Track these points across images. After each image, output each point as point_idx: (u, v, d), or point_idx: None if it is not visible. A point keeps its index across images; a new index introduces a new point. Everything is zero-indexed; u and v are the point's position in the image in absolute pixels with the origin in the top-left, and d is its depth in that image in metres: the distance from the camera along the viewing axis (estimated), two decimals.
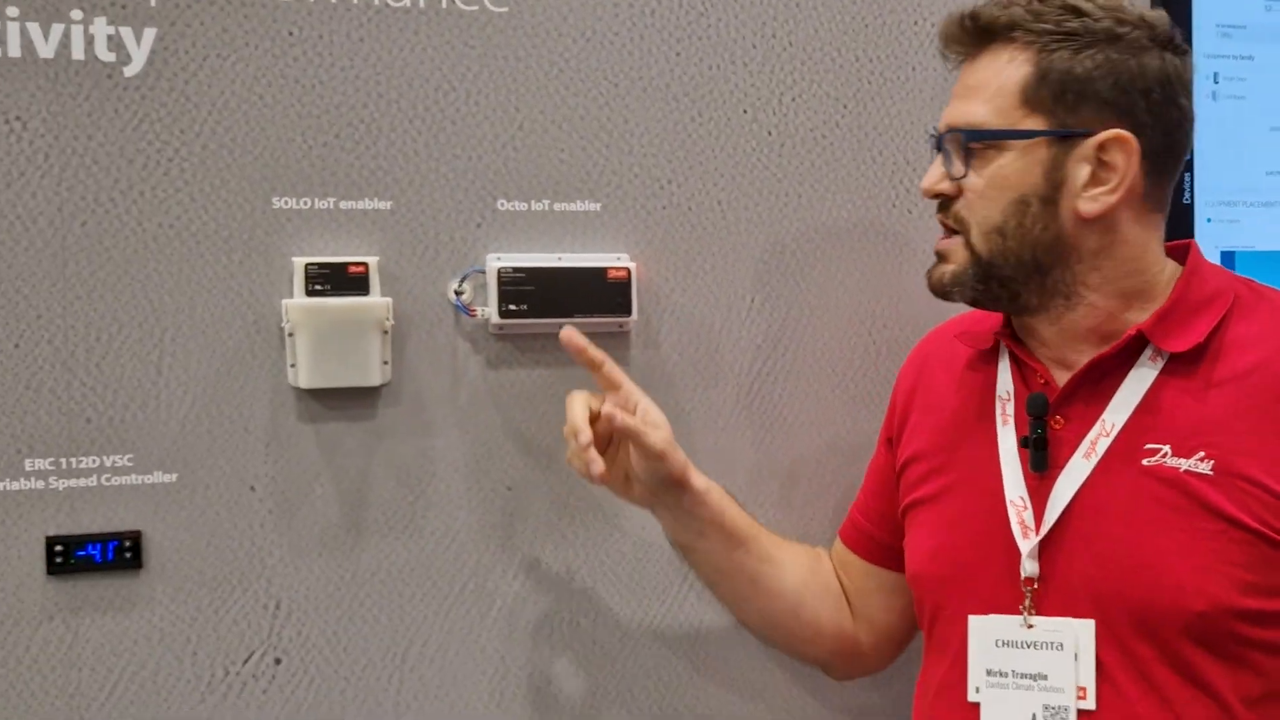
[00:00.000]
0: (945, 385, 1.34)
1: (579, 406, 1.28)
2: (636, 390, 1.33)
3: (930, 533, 1.30)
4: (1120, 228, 1.18)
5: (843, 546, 1.46)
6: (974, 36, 1.20)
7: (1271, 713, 1.14)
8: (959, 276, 1.22)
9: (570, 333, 1.30)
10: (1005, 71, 1.17)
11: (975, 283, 1.21)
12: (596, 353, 1.31)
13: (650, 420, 1.31)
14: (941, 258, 1.24)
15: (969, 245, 1.20)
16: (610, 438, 1.31)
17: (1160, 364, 1.19)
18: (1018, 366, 1.27)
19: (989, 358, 1.31)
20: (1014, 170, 1.17)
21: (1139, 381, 1.19)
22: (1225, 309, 1.20)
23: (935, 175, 1.22)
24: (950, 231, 1.23)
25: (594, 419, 1.28)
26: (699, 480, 1.35)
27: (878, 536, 1.42)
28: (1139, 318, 1.20)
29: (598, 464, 1.25)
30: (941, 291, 1.25)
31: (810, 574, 1.44)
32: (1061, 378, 1.23)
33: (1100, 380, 1.20)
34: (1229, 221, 1.62)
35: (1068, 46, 1.15)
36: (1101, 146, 1.16)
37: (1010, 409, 1.26)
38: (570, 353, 1.31)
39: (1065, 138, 1.16)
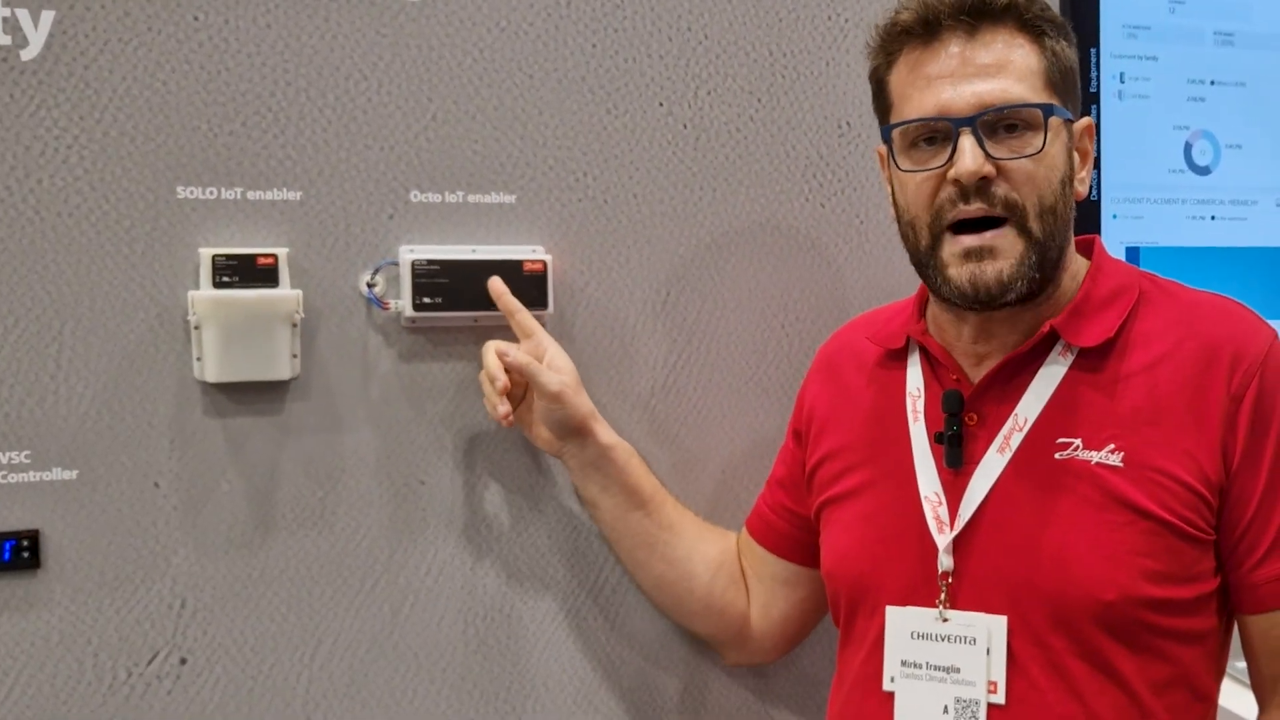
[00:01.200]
0: (855, 384, 1.35)
1: (491, 353, 1.36)
2: (547, 339, 1.39)
3: (845, 529, 1.30)
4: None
5: (748, 535, 1.48)
6: (973, 13, 1.17)
7: (1177, 698, 1.17)
8: (1020, 270, 1.16)
9: (495, 280, 1.38)
10: (1019, 54, 1.17)
11: (1032, 272, 1.16)
12: (510, 301, 1.38)
13: (554, 365, 1.37)
14: (988, 255, 1.16)
15: (1025, 231, 1.16)
16: (526, 386, 1.39)
17: (1070, 359, 1.21)
18: (929, 363, 1.28)
19: (899, 356, 1.31)
20: (1057, 150, 1.17)
21: (1050, 376, 1.21)
22: (1131, 304, 1.22)
23: (980, 156, 1.14)
24: (988, 223, 1.16)
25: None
26: (604, 434, 1.40)
27: (781, 528, 1.43)
28: (1050, 312, 1.22)
29: (503, 405, 1.34)
30: (999, 291, 1.16)
31: (710, 549, 1.46)
32: (974, 374, 1.24)
33: (1012, 376, 1.22)
34: (1134, 218, 1.66)
35: (1057, 35, 1.19)
36: (1082, 133, 1.22)
37: (921, 405, 1.27)
38: (493, 298, 1.38)
39: (1069, 121, 1.20)
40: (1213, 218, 1.71)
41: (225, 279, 1.31)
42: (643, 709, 1.53)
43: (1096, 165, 1.63)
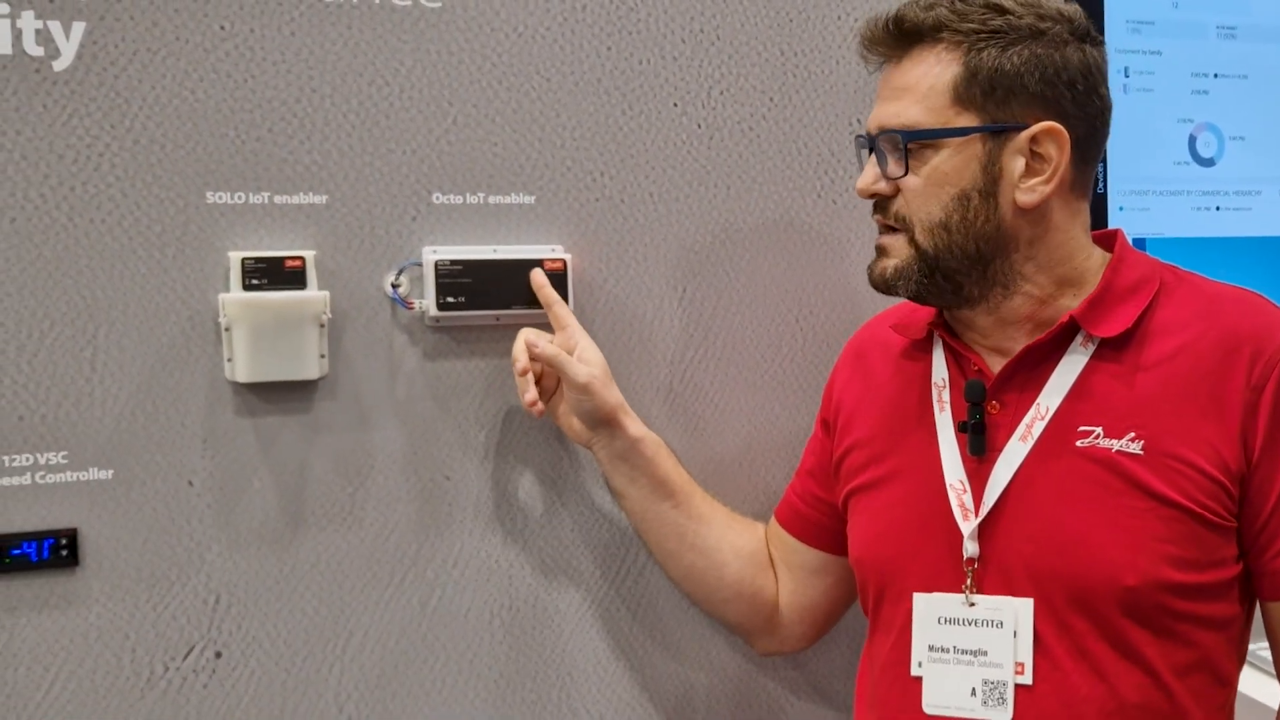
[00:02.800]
0: (882, 374, 1.38)
1: (520, 340, 1.40)
2: (580, 333, 1.43)
3: (873, 517, 1.33)
4: (1052, 216, 1.22)
5: (777, 524, 1.50)
6: (898, 40, 1.22)
7: (1199, 682, 1.19)
8: (902, 271, 1.23)
9: (537, 271, 1.43)
10: (934, 72, 1.20)
11: (920, 277, 1.22)
12: (550, 293, 1.43)
13: (584, 358, 1.40)
14: (882, 252, 1.26)
15: (913, 242, 1.22)
16: (558, 377, 1.42)
17: (1091, 349, 1.23)
18: (952, 355, 1.30)
19: (924, 346, 1.34)
20: (952, 167, 1.19)
21: (1071, 366, 1.23)
22: (1152, 295, 1.24)
23: (871, 176, 1.23)
24: (889, 229, 1.25)
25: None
26: (634, 426, 1.43)
27: (811, 516, 1.46)
28: (1071, 304, 1.24)
29: (530, 392, 1.38)
30: (885, 286, 1.26)
31: (739, 538, 1.49)
32: (996, 364, 1.26)
33: (1034, 366, 1.24)
34: (1140, 209, 1.68)
35: (994, 44, 1.18)
36: (1034, 139, 1.20)
37: (946, 395, 1.29)
38: (534, 289, 1.43)
39: (999, 132, 1.19)
40: (1217, 208, 1.74)
41: (254, 281, 1.35)
42: (670, 701, 1.56)
43: (1104, 159, 1.65)
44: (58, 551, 1.31)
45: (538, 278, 1.43)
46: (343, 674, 1.42)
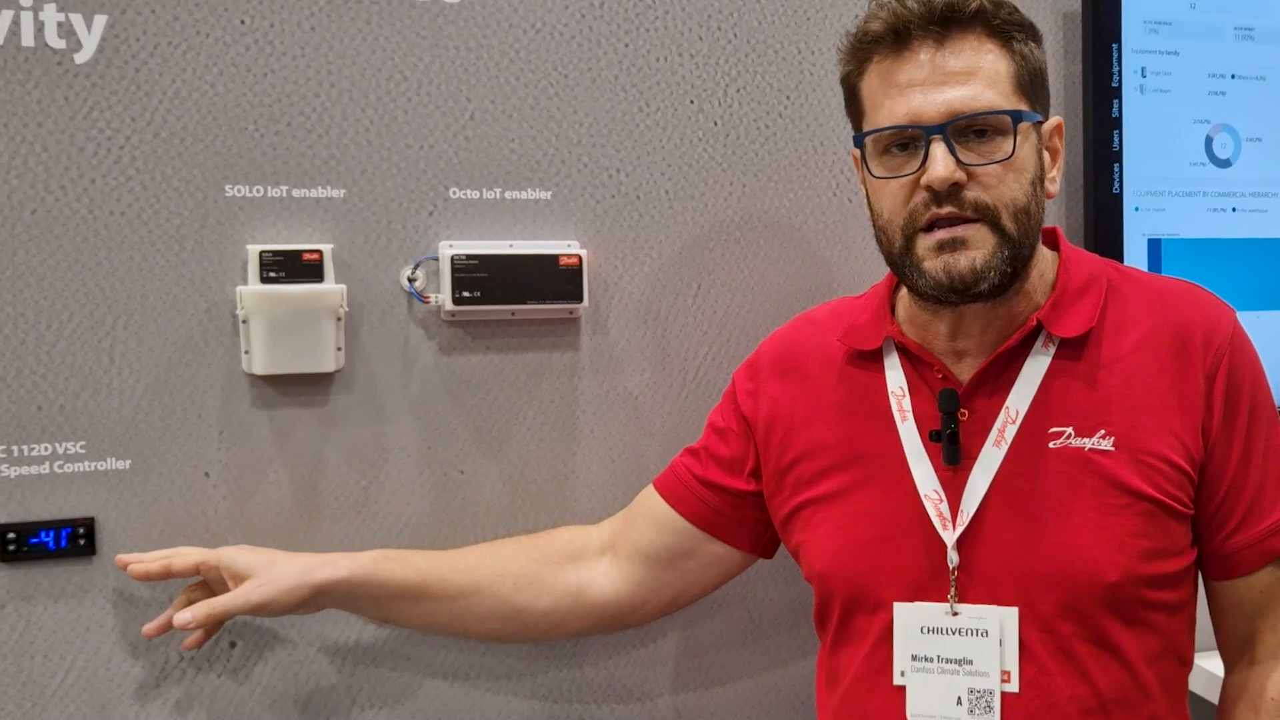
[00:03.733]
0: (824, 384, 1.33)
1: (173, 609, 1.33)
2: (202, 552, 1.32)
3: (836, 529, 1.29)
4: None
5: (657, 498, 1.41)
6: (938, 22, 1.18)
7: (1165, 666, 1.21)
8: (991, 263, 1.17)
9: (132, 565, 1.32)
10: (988, 60, 1.18)
11: (1005, 267, 1.17)
12: (151, 562, 1.31)
13: (238, 568, 1.30)
14: (962, 245, 1.17)
15: (998, 228, 1.17)
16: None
17: (1052, 350, 1.23)
18: (909, 362, 1.28)
19: (873, 355, 1.31)
20: (1025, 152, 1.19)
21: (1035, 368, 1.23)
22: (1103, 293, 1.25)
23: (951, 163, 1.16)
24: (960, 221, 1.18)
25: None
26: (332, 572, 1.32)
27: (711, 500, 1.38)
28: (1022, 306, 1.24)
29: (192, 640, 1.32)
30: (972, 279, 1.17)
31: (521, 571, 1.39)
32: (957, 370, 1.25)
33: (1000, 371, 1.24)
34: (1155, 210, 1.68)
35: (1024, 38, 1.20)
36: (1051, 133, 1.24)
37: (908, 404, 1.27)
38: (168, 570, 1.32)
39: (1038, 123, 1.21)
40: (1234, 210, 1.73)
41: (272, 274, 1.35)
42: (682, 691, 1.56)
43: (1119, 159, 1.65)
44: (75, 540, 1.32)
45: (134, 569, 1.31)
46: (355, 665, 1.43)
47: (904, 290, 1.28)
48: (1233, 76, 1.71)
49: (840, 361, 1.32)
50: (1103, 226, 1.65)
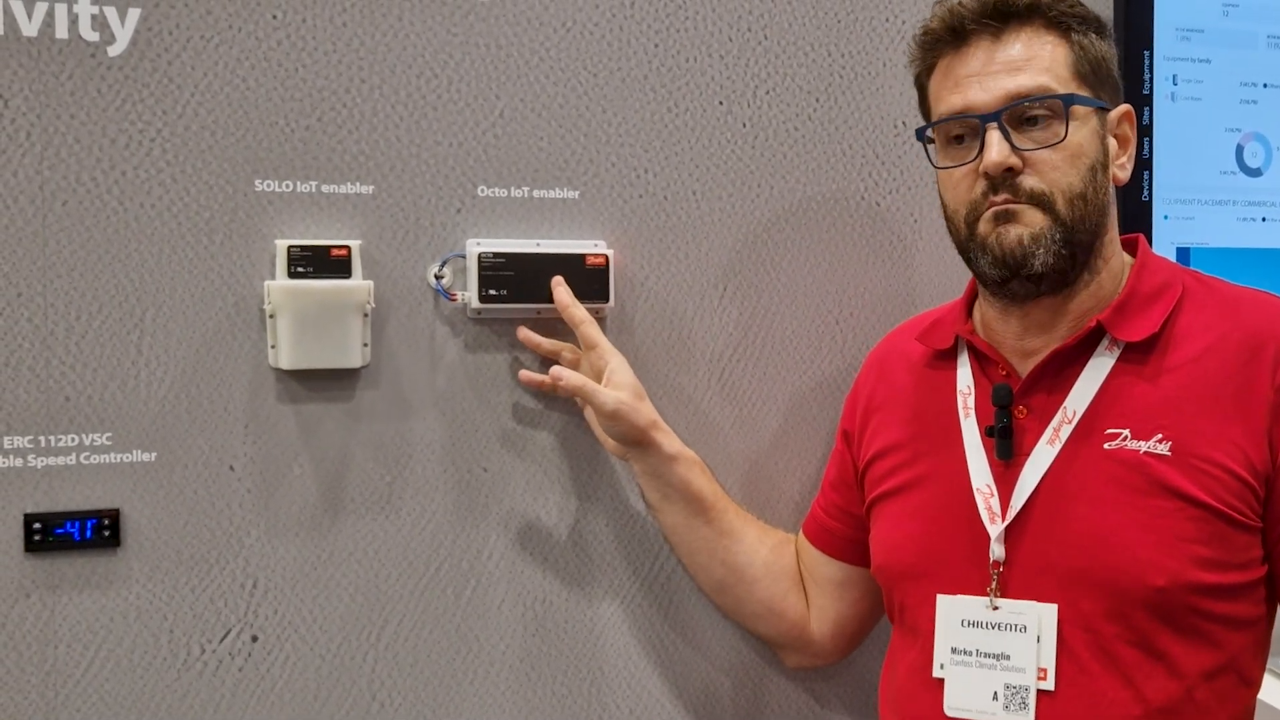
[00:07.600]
0: (905, 384, 1.38)
1: (524, 335, 1.44)
2: (610, 351, 1.42)
3: (896, 524, 1.33)
4: (1113, 202, 1.26)
5: (804, 539, 1.51)
6: (995, 16, 1.22)
7: (1226, 685, 1.19)
8: (1040, 238, 1.19)
9: (560, 289, 1.42)
10: (1045, 49, 1.21)
11: (1058, 247, 1.20)
12: (576, 312, 1.42)
13: (613, 380, 1.39)
14: (1011, 218, 1.20)
15: (1052, 212, 1.20)
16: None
17: (1116, 353, 1.24)
18: (978, 361, 1.31)
19: (948, 355, 1.35)
20: (1083, 138, 1.21)
21: (1097, 370, 1.24)
22: (1175, 300, 1.25)
23: (1005, 149, 1.19)
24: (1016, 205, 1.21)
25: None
26: (668, 444, 1.43)
27: (836, 530, 1.46)
28: (1093, 306, 1.25)
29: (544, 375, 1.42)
30: (1021, 254, 1.20)
31: (771, 555, 1.49)
32: (1023, 368, 1.27)
33: (1060, 370, 1.25)
34: (1184, 219, 1.67)
35: (1085, 29, 1.22)
36: (1119, 120, 1.25)
37: (971, 402, 1.30)
38: (559, 309, 1.42)
39: (1103, 110, 1.23)
40: (1264, 219, 1.72)
41: (300, 269, 1.36)
42: (697, 701, 1.56)
43: (1149, 166, 1.65)
44: (100, 532, 1.33)
45: (561, 296, 1.42)
46: (376, 661, 1.43)
47: (981, 295, 1.31)
48: (1265, 85, 1.71)
49: (920, 363, 1.37)
50: (1129, 233, 1.64)
